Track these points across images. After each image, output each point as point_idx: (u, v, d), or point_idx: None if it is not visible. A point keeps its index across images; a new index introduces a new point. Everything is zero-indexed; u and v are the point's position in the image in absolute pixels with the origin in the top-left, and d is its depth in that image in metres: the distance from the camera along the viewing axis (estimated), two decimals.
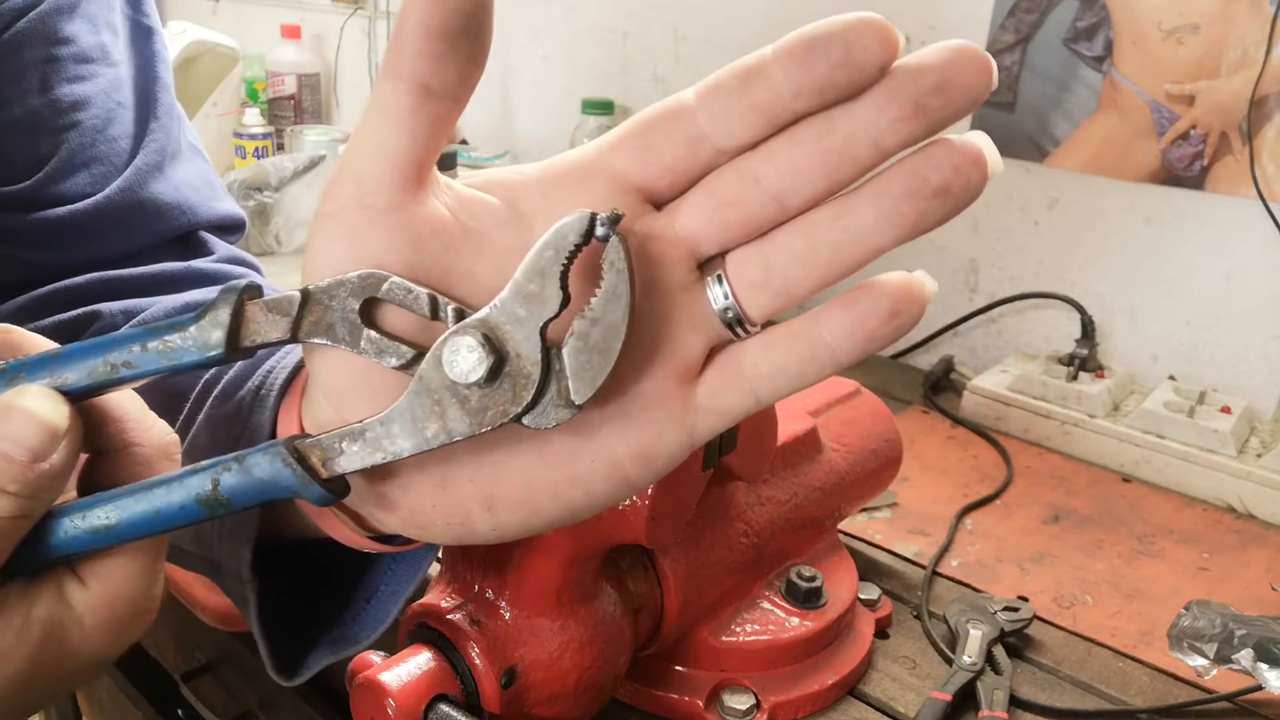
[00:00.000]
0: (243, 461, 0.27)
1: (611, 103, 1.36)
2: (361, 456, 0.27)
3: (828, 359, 0.26)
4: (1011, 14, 1.05)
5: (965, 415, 0.99)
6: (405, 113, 0.26)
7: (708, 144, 0.26)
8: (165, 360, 0.27)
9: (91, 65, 0.49)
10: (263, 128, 1.64)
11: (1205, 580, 0.74)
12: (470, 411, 0.26)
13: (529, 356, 0.26)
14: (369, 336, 0.27)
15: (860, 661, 0.59)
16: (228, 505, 0.27)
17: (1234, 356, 0.98)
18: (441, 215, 0.27)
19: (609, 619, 0.48)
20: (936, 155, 0.24)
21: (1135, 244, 1.02)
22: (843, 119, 0.25)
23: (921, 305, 0.26)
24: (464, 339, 0.26)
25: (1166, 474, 0.88)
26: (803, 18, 0.25)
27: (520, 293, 0.26)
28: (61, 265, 0.49)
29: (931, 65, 0.24)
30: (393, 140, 0.26)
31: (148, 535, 0.28)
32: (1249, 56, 0.91)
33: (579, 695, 0.47)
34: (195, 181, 0.53)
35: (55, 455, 0.26)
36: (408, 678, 0.42)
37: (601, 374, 0.26)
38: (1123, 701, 0.60)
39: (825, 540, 0.64)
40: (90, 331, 0.48)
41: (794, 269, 0.26)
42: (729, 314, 0.27)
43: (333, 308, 0.27)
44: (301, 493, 0.27)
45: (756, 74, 0.25)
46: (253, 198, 1.36)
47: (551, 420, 0.26)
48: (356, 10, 1.73)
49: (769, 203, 0.26)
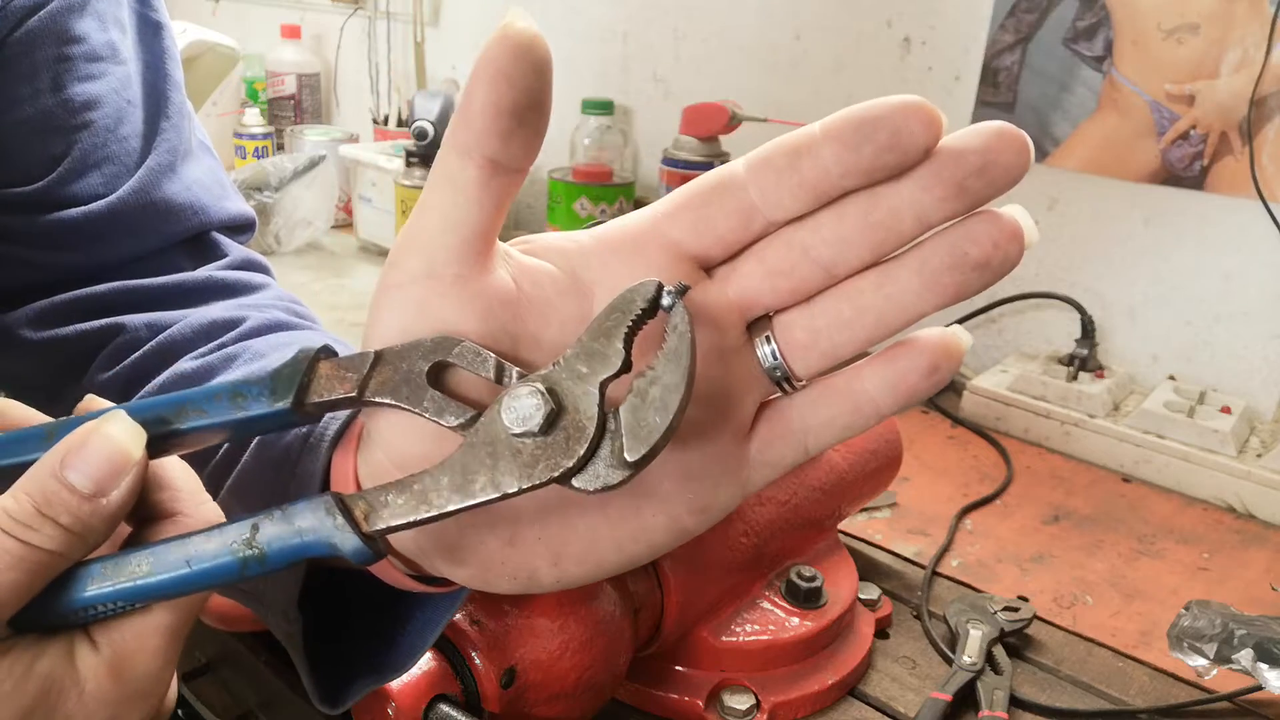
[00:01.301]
0: (285, 512, 0.26)
1: (611, 103, 1.36)
2: (406, 510, 0.26)
3: (871, 412, 0.28)
4: (1011, 14, 1.05)
5: (965, 415, 0.99)
6: (474, 187, 0.26)
7: (759, 216, 0.27)
8: (234, 413, 0.28)
9: (102, 64, 0.49)
10: (263, 128, 1.64)
11: (1205, 580, 0.74)
12: (522, 464, 0.26)
13: (586, 411, 0.26)
14: (432, 396, 0.27)
15: (860, 661, 0.59)
16: (262, 559, 0.26)
17: (1234, 356, 0.98)
18: (507, 284, 0.28)
19: (609, 619, 0.48)
20: (977, 230, 0.26)
21: (1135, 244, 1.02)
22: (888, 195, 0.26)
23: (958, 360, 0.27)
24: (524, 389, 0.26)
25: (1166, 474, 0.88)
26: (803, 17, 0.25)
27: (584, 352, 0.26)
28: (75, 267, 0.49)
29: (974, 148, 0.25)
30: (461, 213, 0.27)
31: (176, 591, 0.27)
32: (1249, 56, 0.91)
33: (579, 695, 0.47)
34: (206, 181, 0.53)
35: (115, 492, 0.26)
36: (408, 678, 0.43)
37: (656, 433, 0.25)
38: (1123, 701, 0.60)
39: (825, 540, 0.64)
40: (114, 344, 0.47)
41: (839, 332, 0.27)
42: (777, 372, 0.28)
43: (402, 369, 0.27)
44: (340, 548, 0.26)
45: (806, 152, 0.26)
46: (253, 198, 1.36)
47: (602, 482, 0.26)
48: (356, 10, 1.73)
49: (817, 271, 0.27)
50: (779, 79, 1.24)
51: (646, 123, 1.41)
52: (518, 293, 0.28)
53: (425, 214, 0.27)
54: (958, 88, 1.10)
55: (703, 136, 1.16)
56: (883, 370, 0.27)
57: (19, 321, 0.49)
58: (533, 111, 0.26)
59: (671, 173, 1.17)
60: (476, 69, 0.25)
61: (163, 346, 0.47)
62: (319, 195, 1.42)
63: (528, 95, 0.25)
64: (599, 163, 1.33)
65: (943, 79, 1.11)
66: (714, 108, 1.14)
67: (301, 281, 1.31)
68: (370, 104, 1.69)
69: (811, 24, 1.20)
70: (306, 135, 1.57)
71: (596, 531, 0.29)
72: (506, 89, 0.25)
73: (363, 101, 1.74)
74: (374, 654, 0.39)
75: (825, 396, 0.28)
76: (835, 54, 1.18)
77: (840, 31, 1.17)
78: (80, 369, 0.49)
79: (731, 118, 1.14)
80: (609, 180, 1.30)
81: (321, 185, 1.42)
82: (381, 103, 1.68)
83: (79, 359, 0.49)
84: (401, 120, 1.59)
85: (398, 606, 0.38)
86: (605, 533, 0.29)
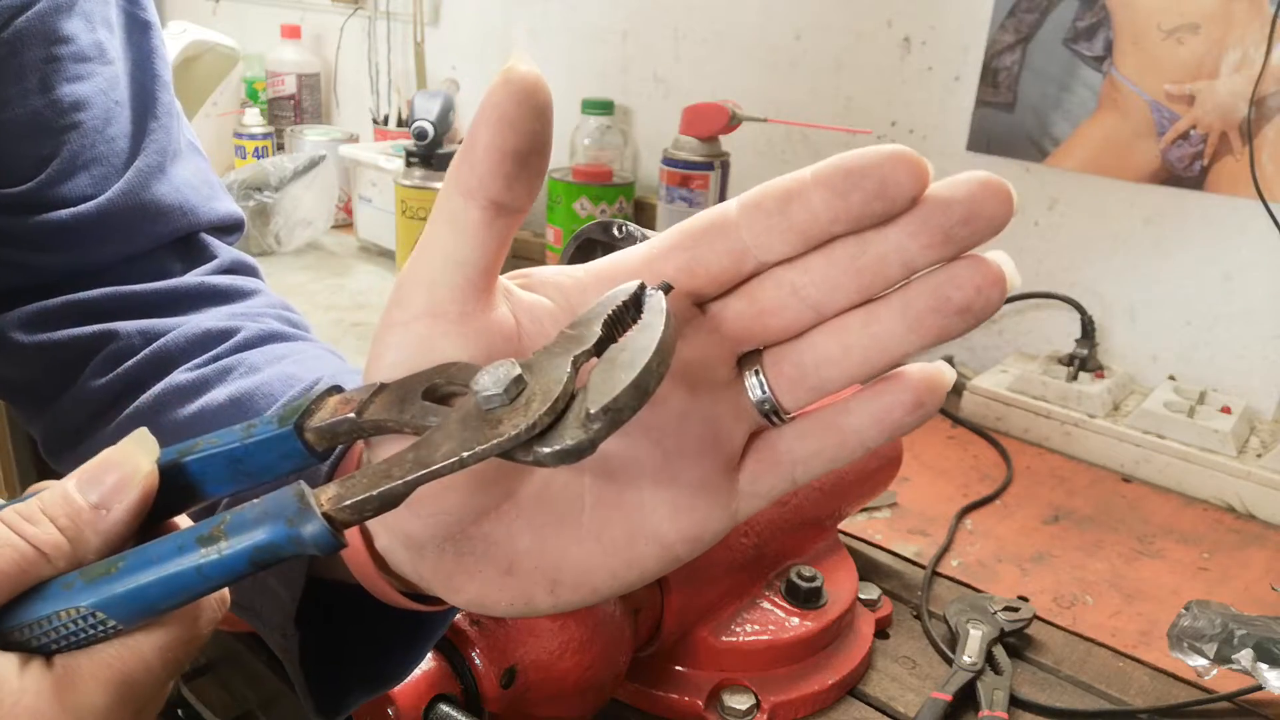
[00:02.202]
0: (247, 505, 0.26)
1: (611, 103, 1.36)
2: (369, 486, 0.26)
3: (857, 444, 0.29)
4: (1011, 14, 1.05)
5: (965, 415, 0.99)
6: (477, 227, 0.27)
7: (750, 257, 0.28)
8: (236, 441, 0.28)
9: (90, 64, 0.49)
10: (263, 128, 1.64)
11: (1205, 580, 0.74)
12: (487, 428, 0.25)
13: (555, 378, 0.25)
14: (425, 406, 0.27)
15: (860, 661, 0.59)
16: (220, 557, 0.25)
17: (1234, 356, 0.98)
18: (507, 320, 0.29)
19: (609, 619, 0.48)
20: (961, 276, 0.26)
21: (1135, 244, 1.02)
22: (876, 241, 0.27)
23: (942, 395, 0.28)
24: (499, 363, 0.26)
25: (1166, 474, 0.88)
26: (803, 17, 0.25)
27: (562, 338, 0.26)
28: (64, 269, 0.49)
29: (959, 198, 0.26)
30: (464, 252, 0.27)
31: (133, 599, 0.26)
32: (1249, 56, 0.91)
33: (579, 695, 0.47)
34: (195, 181, 0.53)
35: (119, 507, 0.26)
36: (408, 678, 0.42)
37: (619, 386, 0.24)
38: (1123, 701, 0.60)
39: (825, 540, 0.64)
40: (107, 351, 0.48)
41: (826, 368, 0.28)
42: (766, 405, 0.29)
43: (401, 394, 0.28)
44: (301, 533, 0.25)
45: (797, 197, 0.27)
46: (253, 198, 1.36)
47: (564, 443, 0.24)
48: (356, 10, 1.73)
49: (806, 310, 0.28)
50: (779, 79, 1.24)
51: (646, 123, 1.41)
52: (518, 328, 0.29)
53: (428, 252, 0.28)
54: (958, 88, 1.09)
55: (703, 136, 1.16)
56: (868, 404, 0.28)
57: (10, 324, 0.49)
58: (535, 155, 0.26)
59: (671, 173, 1.17)
60: (481, 112, 0.26)
61: (157, 356, 0.47)
62: (319, 195, 1.42)
63: (530, 140, 0.26)
64: (599, 163, 1.33)
65: (943, 79, 1.11)
66: (714, 108, 1.14)
67: (301, 281, 1.31)
68: (370, 104, 1.69)
69: (811, 24, 1.20)
70: (306, 135, 1.57)
71: (591, 560, 0.30)
72: (510, 134, 0.26)
73: (363, 101, 1.74)
74: (369, 666, 0.40)
75: (813, 429, 0.29)
76: (835, 54, 1.18)
77: (840, 31, 1.17)
78: (72, 375, 0.49)
79: (731, 118, 1.14)
80: (609, 180, 1.30)
81: (321, 185, 1.42)
82: (381, 103, 1.68)
83: (70, 365, 0.49)
84: (401, 120, 1.59)
85: (392, 620, 0.38)
86: (600, 561, 0.30)
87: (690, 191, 1.17)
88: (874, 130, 1.16)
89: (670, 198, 1.18)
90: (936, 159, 1.29)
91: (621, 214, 1.30)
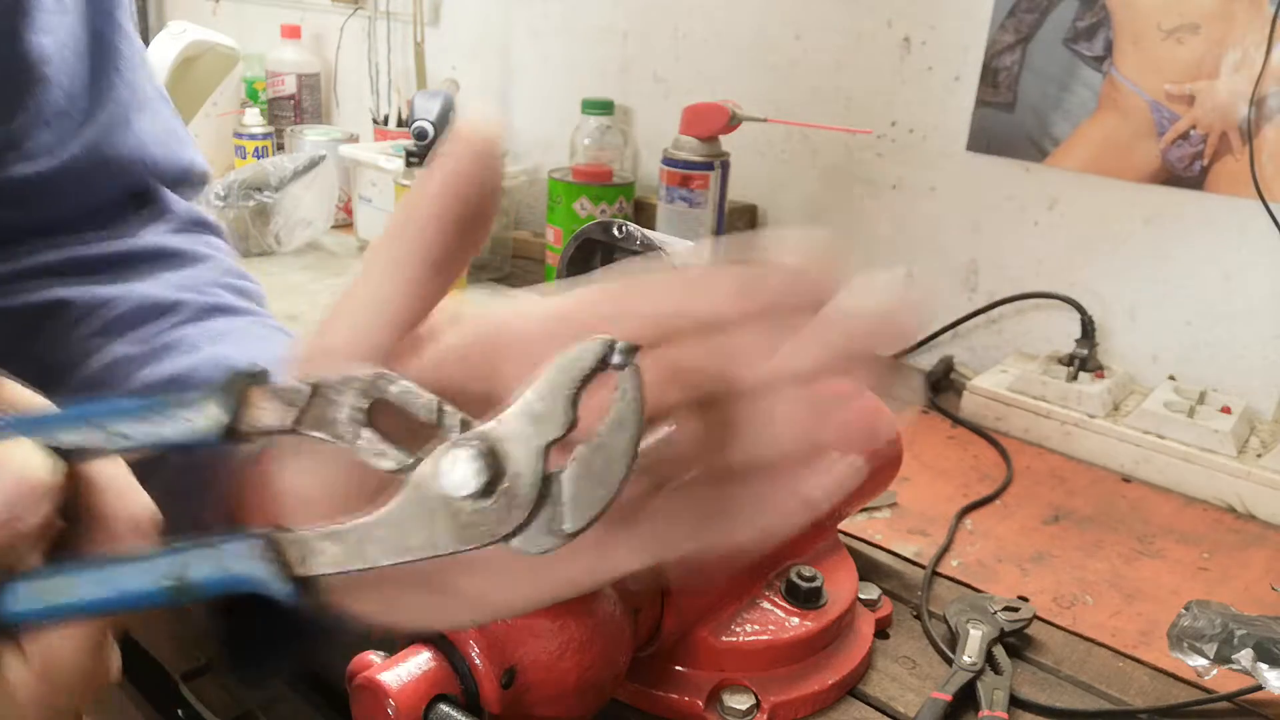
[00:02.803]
0: (216, 548, 0.26)
1: (611, 103, 1.35)
2: (339, 560, 0.26)
3: None
4: (1011, 14, 1.05)
5: (965, 415, 0.99)
6: (415, 281, 0.28)
7: None
8: (160, 437, 0.27)
9: (52, 16, 0.48)
10: (263, 128, 1.64)
11: (1205, 580, 0.74)
12: (460, 526, 0.25)
13: (527, 477, 0.25)
14: (367, 436, 0.26)
15: (860, 661, 0.59)
16: (192, 592, 0.26)
17: (1234, 356, 0.98)
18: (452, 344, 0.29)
19: (609, 619, 0.48)
20: None
21: (1135, 244, 1.02)
22: None
23: None
24: (463, 451, 0.25)
25: (1166, 474, 0.88)
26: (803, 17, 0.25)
27: (527, 411, 0.25)
28: (26, 225, 0.49)
29: None
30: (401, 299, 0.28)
31: (108, 615, 0.26)
32: (1249, 56, 0.91)
33: (579, 695, 0.47)
34: (159, 132, 0.53)
35: (33, 517, 0.26)
36: (408, 678, 0.42)
37: (597, 505, 0.25)
38: (1123, 701, 0.60)
39: (825, 540, 0.64)
40: (58, 320, 0.47)
41: None
42: None
43: (338, 403, 0.27)
44: (270, 590, 0.26)
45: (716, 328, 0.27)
46: (253, 198, 1.36)
47: (540, 547, 0.25)
48: (356, 10, 1.73)
49: None
50: (779, 79, 1.24)
51: (646, 123, 1.41)
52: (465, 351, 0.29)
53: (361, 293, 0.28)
54: (958, 88, 1.09)
55: (703, 136, 1.15)
56: None
57: None
58: (477, 221, 0.27)
59: (671, 173, 1.17)
60: (432, 174, 0.26)
61: (100, 328, 0.47)
62: (319, 195, 1.42)
63: (474, 209, 0.27)
64: (599, 163, 1.33)
65: (943, 79, 1.11)
66: (714, 108, 1.14)
67: (301, 281, 1.31)
68: (370, 104, 1.69)
69: (811, 24, 1.19)
70: (306, 135, 1.57)
71: (521, 588, 0.30)
72: (455, 204, 0.26)
73: (363, 101, 1.74)
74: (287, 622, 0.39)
75: None
76: (835, 54, 1.18)
77: (840, 31, 1.17)
78: (23, 341, 0.48)
79: (731, 118, 1.14)
80: (609, 180, 1.30)
81: (321, 185, 1.42)
82: (381, 103, 1.68)
83: (21, 331, 0.48)
84: (401, 120, 1.59)
85: None
86: (530, 590, 0.30)
87: (690, 191, 1.17)
88: (874, 130, 1.16)
89: (670, 198, 1.18)
90: (937, 159, 1.29)
91: (621, 214, 1.30)
